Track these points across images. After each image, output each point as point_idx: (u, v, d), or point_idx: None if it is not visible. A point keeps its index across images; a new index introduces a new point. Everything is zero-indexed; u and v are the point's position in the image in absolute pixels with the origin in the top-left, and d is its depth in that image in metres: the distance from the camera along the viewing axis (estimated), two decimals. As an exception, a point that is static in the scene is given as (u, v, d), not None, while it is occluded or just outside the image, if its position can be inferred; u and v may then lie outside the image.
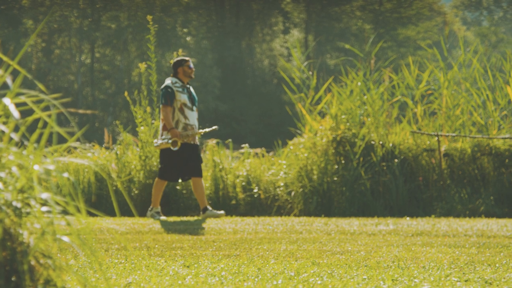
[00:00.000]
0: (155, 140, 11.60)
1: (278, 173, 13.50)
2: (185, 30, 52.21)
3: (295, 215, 12.69)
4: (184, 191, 13.20)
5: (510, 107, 13.99)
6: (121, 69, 51.11)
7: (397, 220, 10.72)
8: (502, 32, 71.97)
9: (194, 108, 11.39)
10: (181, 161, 11.18)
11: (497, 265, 5.33)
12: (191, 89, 11.54)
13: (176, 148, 10.98)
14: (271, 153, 14.66)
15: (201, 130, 11.49)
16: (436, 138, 13.19)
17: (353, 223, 10.04)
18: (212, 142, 13.84)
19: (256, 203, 13.24)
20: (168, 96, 11.18)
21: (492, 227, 9.25)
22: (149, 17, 13.43)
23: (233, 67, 50.88)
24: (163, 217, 11.31)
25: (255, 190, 13.27)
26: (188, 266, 5.07)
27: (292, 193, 13.00)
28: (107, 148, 14.47)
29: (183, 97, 11.22)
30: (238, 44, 51.61)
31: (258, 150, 14.41)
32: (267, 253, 6.26)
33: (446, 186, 12.84)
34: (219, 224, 9.89)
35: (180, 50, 13.80)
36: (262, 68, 53.04)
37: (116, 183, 13.31)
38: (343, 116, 13.56)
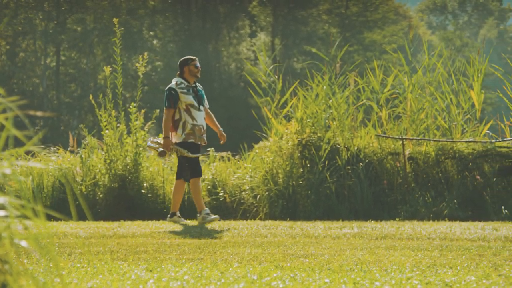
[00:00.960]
0: (149, 138, 11.18)
1: (244, 176, 13.51)
2: (151, 33, 52.05)
3: (260, 219, 12.70)
4: (150, 195, 13.16)
5: (473, 111, 14.12)
6: (87, 72, 50.82)
7: (361, 223, 10.77)
8: (466, 36, 72.63)
9: (202, 107, 11.02)
10: (196, 159, 10.88)
11: (458, 267, 5.37)
12: (199, 87, 11.16)
13: (162, 159, 10.75)
14: (237, 157, 14.65)
15: (187, 153, 11.19)
16: (401, 142, 13.28)
17: (318, 227, 10.06)
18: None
19: (222, 207, 13.23)
20: (171, 99, 10.81)
21: (455, 230, 9.32)
22: (115, 20, 13.38)
23: (200, 70, 50.81)
24: (186, 221, 11.05)
25: (221, 194, 13.27)
26: (151, 270, 5.05)
27: (258, 197, 13.01)
28: (71, 151, 14.38)
29: (188, 98, 10.85)
30: (205, 47, 51.56)
31: (224, 154, 14.39)
32: (231, 256, 6.26)
33: (411, 190, 12.92)
34: (184, 228, 9.87)
35: (146, 54, 13.77)
36: (229, 71, 53.04)
37: (81, 187, 13.23)
38: (308, 120, 13.60)
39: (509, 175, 12.81)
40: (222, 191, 13.29)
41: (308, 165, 13.15)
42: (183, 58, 11.19)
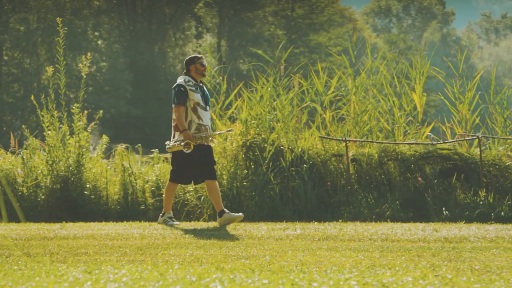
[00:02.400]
0: (166, 142, 10.78)
1: (188, 178, 13.45)
2: (96, 33, 51.61)
3: (204, 220, 12.67)
4: (93, 196, 13.04)
5: (415, 113, 14.28)
6: (30, 72, 50.19)
7: (305, 225, 10.81)
8: (410, 39, 73.45)
9: (208, 107, 10.73)
10: (194, 163, 10.59)
11: (397, 268, 5.43)
12: (204, 87, 10.90)
13: (189, 151, 10.44)
14: (181, 158, 14.55)
15: (215, 132, 11.11)
16: (344, 144, 13.36)
17: (262, 228, 10.08)
18: (121, 146, 13.72)
19: (165, 208, 13.15)
20: (181, 96, 10.51)
21: (397, 231, 9.41)
22: (58, 20, 13.23)
23: (146, 71, 50.52)
24: (176, 222, 10.85)
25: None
26: (89, 272, 5.00)
27: (202, 198, 12.97)
28: (13, 152, 14.18)
29: (196, 96, 10.56)
30: (151, 48, 51.30)
31: (168, 155, 14.32)
32: (173, 258, 6.23)
33: (354, 191, 13.01)
34: (126, 230, 9.81)
35: (89, 54, 13.65)
36: (175, 72, 52.82)
37: (22, 188, 13.06)
38: (253, 121, 13.62)
39: (450, 176, 12.98)
40: (166, 193, 13.21)
41: (252, 166, 13.16)
42: (189, 56, 10.89)
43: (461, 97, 14.17)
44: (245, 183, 12.91)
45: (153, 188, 13.31)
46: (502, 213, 12.17)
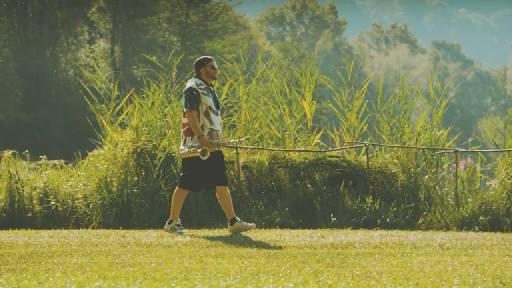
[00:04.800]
0: (181, 147, 10.36)
1: (77, 184, 13.28)
2: (-15, 37, 50.31)
3: (93, 227, 12.52)
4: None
5: (305, 121, 14.47)
6: None
7: (194, 232, 10.81)
8: (303, 47, 74.41)
9: (219, 112, 10.37)
10: (205, 169, 10.20)
11: (280, 274, 5.49)
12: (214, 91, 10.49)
13: (205, 158, 10.00)
14: (70, 165, 14.37)
15: (234, 140, 10.71)
16: (235, 151, 13.43)
17: (151, 235, 10.03)
18: (8, 152, 13.42)
19: (54, 216, 12.95)
20: (193, 99, 10.06)
21: (285, 237, 9.51)
22: None
23: (37, 76, 49.53)
24: (184, 230, 10.52)
25: (53, 202, 12.99)
26: (-33, 282, 4.88)
27: (91, 205, 12.82)
28: None
29: (209, 100, 10.16)
30: (42, 53, 50.33)
31: (57, 162, 14.09)
32: (56, 266, 6.14)
33: (244, 198, 13.09)
34: (11, 238, 9.60)
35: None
36: (67, 78, 51.99)
37: None
38: (144, 128, 13.55)
39: (338, 183, 13.20)
40: (54, 200, 13.01)
41: (143, 173, 13.10)
42: (199, 58, 10.48)
43: (349, 105, 14.44)
44: (135, 190, 12.82)
45: (40, 195, 13.06)
46: (388, 219, 12.45)
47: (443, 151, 13.56)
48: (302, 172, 13.41)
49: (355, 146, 13.82)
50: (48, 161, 14.05)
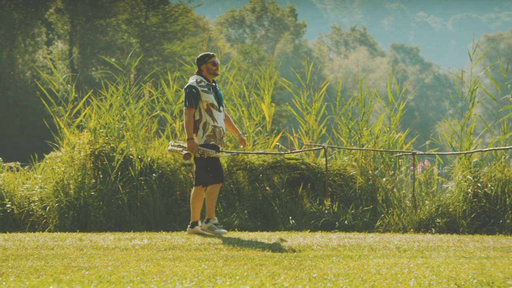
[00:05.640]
0: (170, 143, 10.31)
1: (33, 187, 13.15)
2: None
3: (49, 231, 12.40)
4: None
5: (264, 123, 14.48)
6: None
7: (152, 235, 10.76)
8: (263, 50, 74.52)
9: (221, 108, 10.22)
10: (218, 163, 10.12)
11: (237, 277, 5.47)
12: (217, 87, 10.36)
13: (187, 162, 9.83)
14: (26, 167, 14.21)
15: (222, 153, 10.44)
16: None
17: (108, 238, 9.96)
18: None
19: (9, 219, 12.80)
20: (192, 97, 9.97)
21: (243, 240, 9.50)
22: None
23: (-7, 77, 49.07)
24: (223, 230, 10.47)
25: (8, 205, 12.83)
26: None
27: (48, 208, 12.69)
28: None
29: (210, 97, 10.04)
30: (-1, 54, 49.83)
31: (13, 164, 13.93)
32: (10, 270, 6.06)
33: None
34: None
35: None
36: (24, 79, 51.52)
37: None
38: (102, 130, 13.46)
39: (297, 186, 13.22)
40: (10, 203, 12.86)
41: (101, 175, 13.00)
42: (200, 55, 10.34)
43: (308, 107, 14.47)
44: (92, 193, 12.73)
45: (-4, 198, 12.91)
46: (346, 222, 12.50)
47: (401, 153, 13.65)
48: (261, 175, 13.41)
49: (314, 148, 13.86)
50: (4, 163, 13.89)
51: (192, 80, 10.16)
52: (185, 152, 9.96)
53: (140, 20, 53.31)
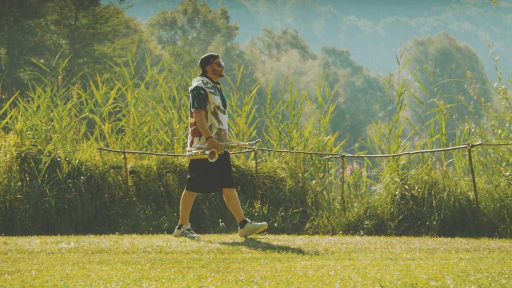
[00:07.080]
0: (188, 149, 9.90)
1: (-42, 190, 12.87)
2: None
3: (-25, 235, 12.15)
4: None
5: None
6: None
7: (80, 238, 10.63)
8: (195, 52, 74.38)
9: (226, 110, 9.93)
10: (213, 170, 9.79)
11: (164, 280, 5.44)
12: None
13: (214, 160, 9.47)
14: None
15: (244, 143, 10.11)
16: (123, 155, 13.28)
17: (34, 242, 9.80)
18: None
19: None
20: (201, 99, 9.64)
21: (172, 243, 9.44)
22: None
23: None
24: (196, 235, 10.13)
25: None
26: None
27: (-27, 212, 12.44)
28: None
29: (216, 99, 9.74)
30: None
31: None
32: None
33: (132, 203, 12.96)
34: None
35: None
36: (-50, 80, 50.44)
37: None
38: (28, 132, 13.26)
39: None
40: None
41: (27, 178, 12.80)
42: (204, 56, 10.02)
43: (238, 110, 14.49)
44: (19, 196, 12.52)
45: None
46: (276, 224, 12.54)
47: (330, 156, 13.75)
48: (190, 177, 13.36)
49: (244, 151, 13.87)
50: None
51: (198, 82, 9.90)
52: (208, 152, 9.70)
53: (69, 21, 52.67)
